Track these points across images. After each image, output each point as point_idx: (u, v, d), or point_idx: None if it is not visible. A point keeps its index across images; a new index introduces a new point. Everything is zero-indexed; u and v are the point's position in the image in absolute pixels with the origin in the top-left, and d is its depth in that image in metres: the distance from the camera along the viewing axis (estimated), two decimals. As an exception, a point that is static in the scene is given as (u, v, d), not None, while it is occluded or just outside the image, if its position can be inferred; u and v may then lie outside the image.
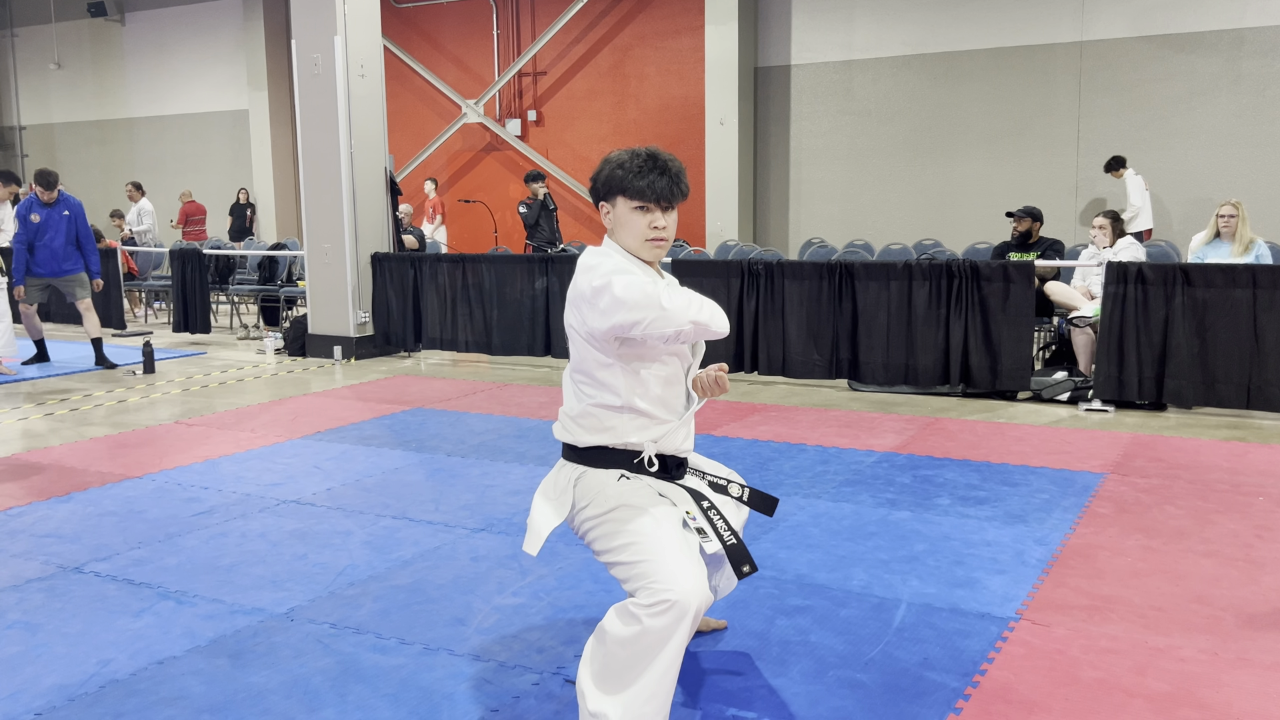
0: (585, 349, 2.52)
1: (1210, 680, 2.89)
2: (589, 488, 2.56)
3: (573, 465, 2.62)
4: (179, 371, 8.73)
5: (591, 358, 2.52)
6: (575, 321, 2.52)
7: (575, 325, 2.53)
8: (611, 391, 2.52)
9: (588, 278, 2.46)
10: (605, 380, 2.52)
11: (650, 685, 2.35)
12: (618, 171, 2.51)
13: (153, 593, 3.72)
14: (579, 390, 2.58)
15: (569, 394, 2.63)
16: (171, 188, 18.01)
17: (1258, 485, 4.78)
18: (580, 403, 2.58)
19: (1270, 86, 11.29)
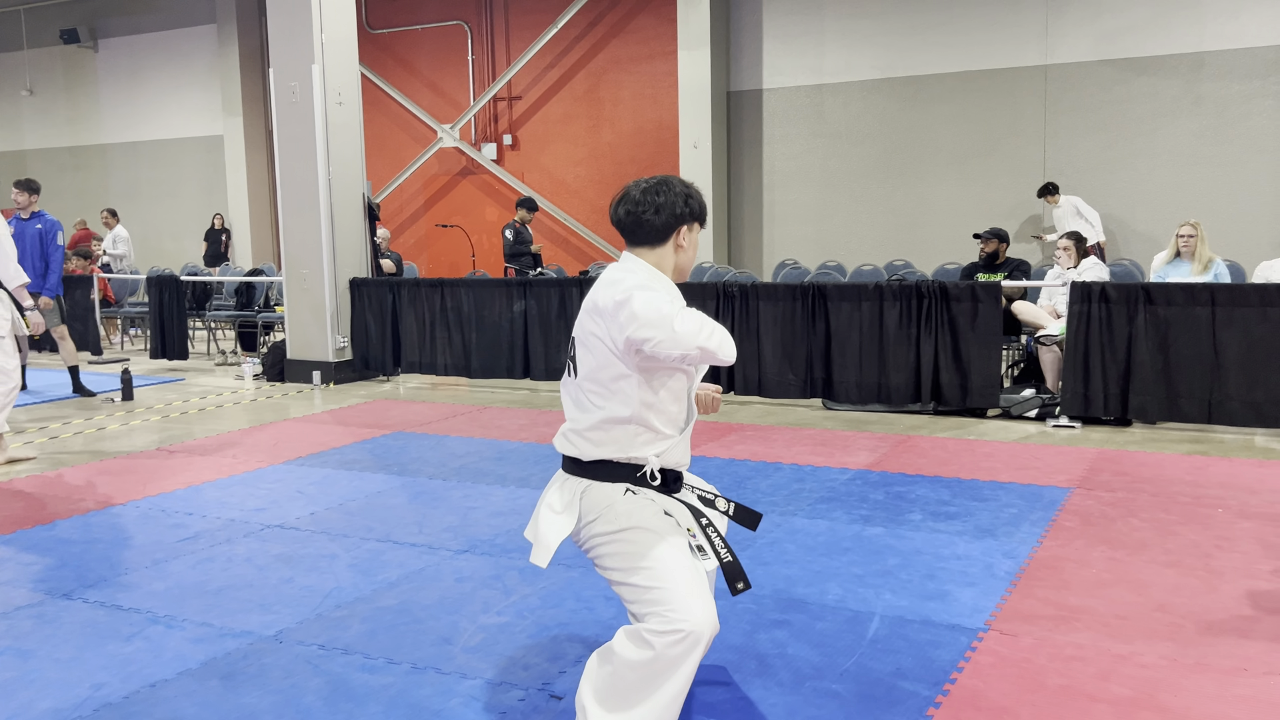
0: (606, 357, 2.54)
1: (1170, 685, 3.02)
2: (596, 502, 2.59)
3: (576, 478, 2.64)
4: (158, 398, 8.76)
5: (610, 368, 2.55)
6: (600, 331, 2.55)
7: (600, 335, 2.55)
8: (622, 402, 2.55)
9: (610, 291, 2.52)
10: (619, 390, 2.55)
11: (658, 710, 2.40)
12: (699, 197, 2.68)
13: (142, 617, 3.77)
14: (587, 401, 2.60)
15: (574, 406, 2.65)
16: (144, 214, 18.02)
17: (1217, 498, 4.94)
18: (587, 415, 2.60)
19: (1229, 108, 11.58)
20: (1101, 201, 11.72)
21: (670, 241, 2.64)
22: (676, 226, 2.63)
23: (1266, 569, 3.95)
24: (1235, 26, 11.49)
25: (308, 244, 9.16)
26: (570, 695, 3.05)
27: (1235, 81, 11.55)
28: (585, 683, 2.51)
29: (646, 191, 2.62)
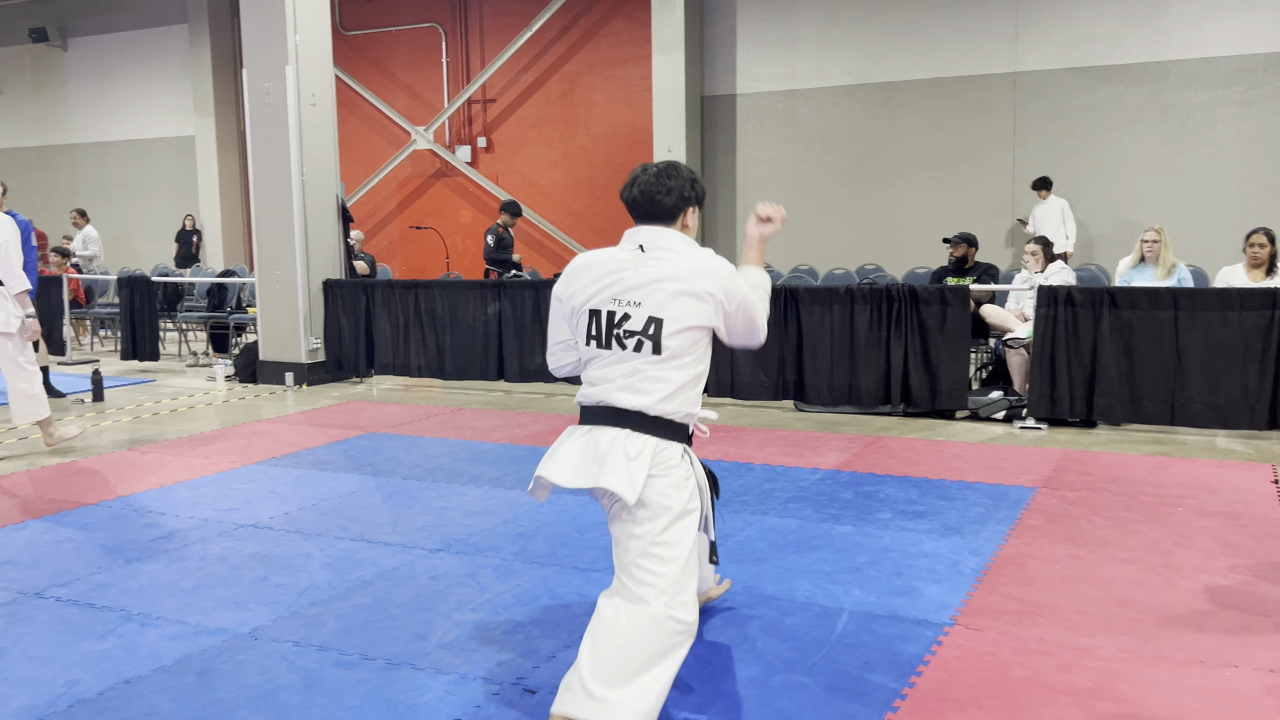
0: (704, 319, 2.77)
1: (1129, 676, 3.10)
2: (667, 462, 2.74)
3: (640, 435, 2.74)
4: (128, 399, 8.72)
5: (700, 331, 2.79)
6: (705, 292, 2.75)
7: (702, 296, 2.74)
8: (697, 360, 2.82)
9: (708, 262, 2.81)
10: (700, 350, 2.82)
11: (660, 684, 2.60)
12: (702, 183, 2.95)
13: (116, 616, 3.78)
14: (663, 371, 2.76)
15: (661, 380, 2.75)
16: (114, 214, 17.88)
17: (1178, 497, 5.05)
18: (660, 385, 2.75)
19: (1193, 116, 11.79)
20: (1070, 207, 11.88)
21: (679, 221, 2.88)
22: (685, 207, 2.88)
23: (1223, 565, 4.05)
24: (1199, 36, 11.70)
25: (281, 245, 9.15)
26: (544, 690, 3.09)
27: (1199, 90, 11.76)
28: (591, 653, 2.62)
29: (659, 175, 2.85)
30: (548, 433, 6.97)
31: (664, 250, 2.80)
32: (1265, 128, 11.49)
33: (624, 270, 2.80)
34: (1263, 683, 3.04)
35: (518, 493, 5.38)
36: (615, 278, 2.80)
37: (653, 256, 2.80)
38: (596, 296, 2.81)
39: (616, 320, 2.78)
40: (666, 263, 2.78)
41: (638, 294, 2.76)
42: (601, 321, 2.80)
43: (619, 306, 2.78)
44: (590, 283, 2.83)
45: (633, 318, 2.75)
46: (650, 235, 2.84)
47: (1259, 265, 6.99)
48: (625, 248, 2.87)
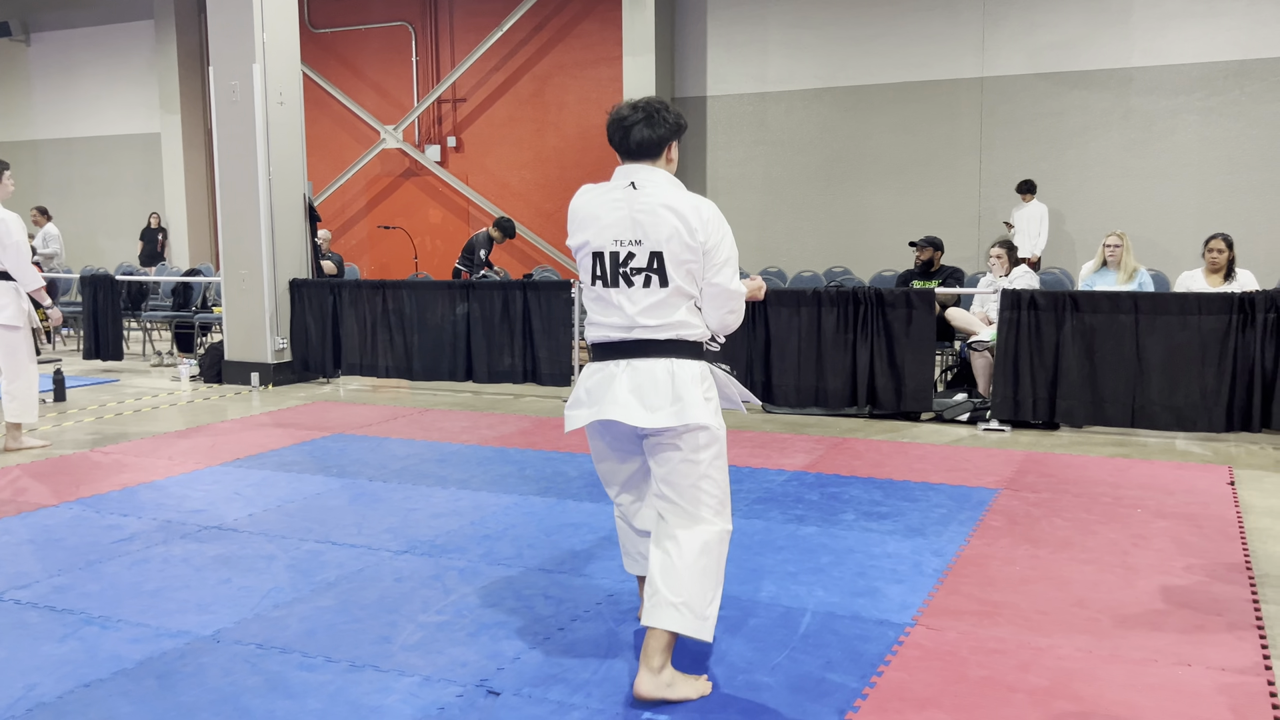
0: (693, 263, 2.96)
1: (1086, 675, 3.15)
2: (706, 380, 3.06)
3: (685, 362, 3.00)
4: (91, 399, 8.62)
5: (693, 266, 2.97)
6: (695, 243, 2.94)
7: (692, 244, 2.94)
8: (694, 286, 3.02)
9: (704, 212, 2.96)
10: (694, 276, 3.00)
11: (722, 587, 3.06)
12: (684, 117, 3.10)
13: (76, 619, 3.75)
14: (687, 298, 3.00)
15: (675, 307, 2.98)
16: (78, 212, 17.66)
17: (1137, 498, 5.13)
18: (688, 304, 3.00)
19: (1156, 122, 11.96)
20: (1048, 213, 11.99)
21: (664, 155, 3.03)
22: (670, 140, 3.02)
23: (1179, 565, 4.12)
24: (1162, 43, 11.87)
25: (247, 244, 9.08)
26: (508, 691, 3.10)
27: (1162, 97, 11.93)
28: (681, 575, 2.94)
29: (644, 110, 2.99)
30: (516, 434, 6.97)
31: (655, 187, 2.96)
32: (1226, 134, 11.67)
33: (620, 209, 2.97)
34: (1214, 681, 3.10)
35: (485, 494, 5.38)
36: (614, 218, 2.97)
37: (645, 193, 2.96)
38: (597, 238, 3.00)
39: (621, 260, 2.96)
40: (659, 197, 2.94)
41: (636, 231, 2.94)
42: (606, 262, 2.99)
43: (621, 246, 2.96)
44: (590, 221, 3.01)
45: (636, 256, 2.94)
46: (640, 174, 2.99)
47: (1218, 270, 7.11)
48: (618, 185, 3.02)
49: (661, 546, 3.02)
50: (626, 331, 2.99)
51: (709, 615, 2.98)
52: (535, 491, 5.42)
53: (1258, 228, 11.50)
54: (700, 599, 2.95)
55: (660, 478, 3.05)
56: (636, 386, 2.97)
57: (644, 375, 2.97)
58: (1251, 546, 4.40)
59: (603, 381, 3.02)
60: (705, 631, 2.97)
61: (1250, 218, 11.56)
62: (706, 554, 2.99)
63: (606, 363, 3.04)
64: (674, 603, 2.93)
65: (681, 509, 3.01)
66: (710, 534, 3.01)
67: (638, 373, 2.98)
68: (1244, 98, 11.61)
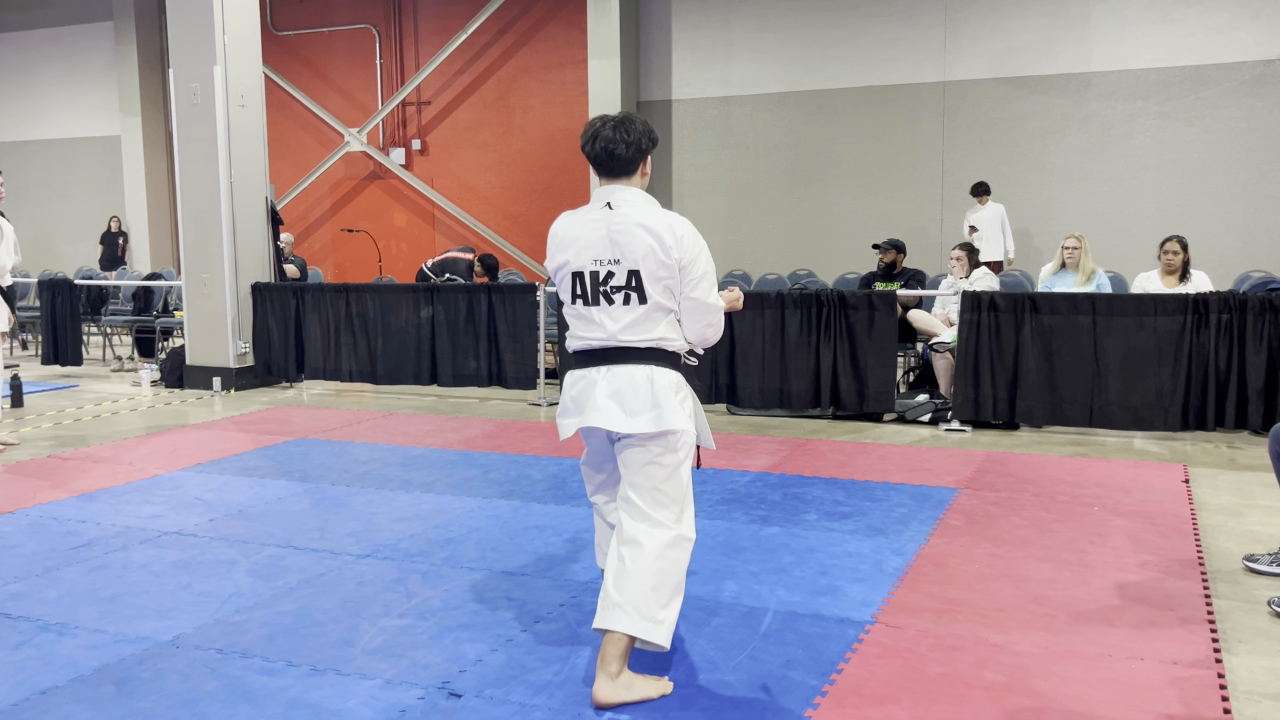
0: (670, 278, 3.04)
1: (1041, 671, 3.20)
2: (683, 389, 3.13)
3: (663, 370, 3.07)
4: (50, 405, 8.51)
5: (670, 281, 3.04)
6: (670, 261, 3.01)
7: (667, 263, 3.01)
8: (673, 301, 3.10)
9: (680, 230, 3.03)
10: (672, 290, 3.07)
11: (682, 592, 3.05)
12: (654, 131, 3.17)
13: (32, 625, 3.70)
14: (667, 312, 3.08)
15: (656, 323, 3.06)
16: (36, 216, 17.41)
17: (1094, 496, 5.20)
18: (668, 319, 3.08)
19: (1115, 126, 12.14)
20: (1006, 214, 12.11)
21: (638, 171, 3.13)
22: (642, 158, 3.11)
23: (1133, 562, 4.19)
24: (1119, 49, 12.05)
25: (208, 248, 9.00)
26: (469, 693, 3.10)
27: (1120, 101, 12.11)
28: (635, 582, 2.94)
29: (616, 128, 3.06)
30: (480, 437, 6.96)
31: (631, 207, 3.05)
32: (1181, 138, 11.87)
33: (598, 230, 3.05)
34: (1166, 674, 3.16)
35: (448, 497, 5.37)
36: (592, 239, 3.05)
37: (620, 214, 3.04)
38: (576, 259, 3.07)
39: (601, 279, 3.05)
40: (635, 216, 3.02)
41: (614, 250, 3.03)
42: (586, 281, 3.07)
43: (600, 266, 3.04)
44: (569, 243, 3.09)
45: (615, 274, 3.03)
46: (617, 194, 3.08)
47: (1173, 272, 7.23)
48: (595, 207, 3.11)
49: (618, 551, 3.02)
50: (606, 341, 3.07)
51: (663, 619, 2.96)
52: (499, 495, 5.41)
53: (1214, 230, 11.71)
54: (652, 602, 2.95)
55: (626, 480, 3.08)
56: (616, 391, 3.04)
57: (623, 380, 3.04)
58: (1204, 542, 4.48)
59: (585, 389, 3.10)
60: (658, 635, 2.95)
61: (1206, 220, 11.76)
62: (663, 558, 2.99)
63: (587, 370, 3.11)
64: (622, 604, 2.94)
65: (643, 512, 3.03)
66: (669, 538, 3.01)
67: (617, 378, 3.05)
68: (1199, 102, 11.82)
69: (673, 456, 3.04)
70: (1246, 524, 4.77)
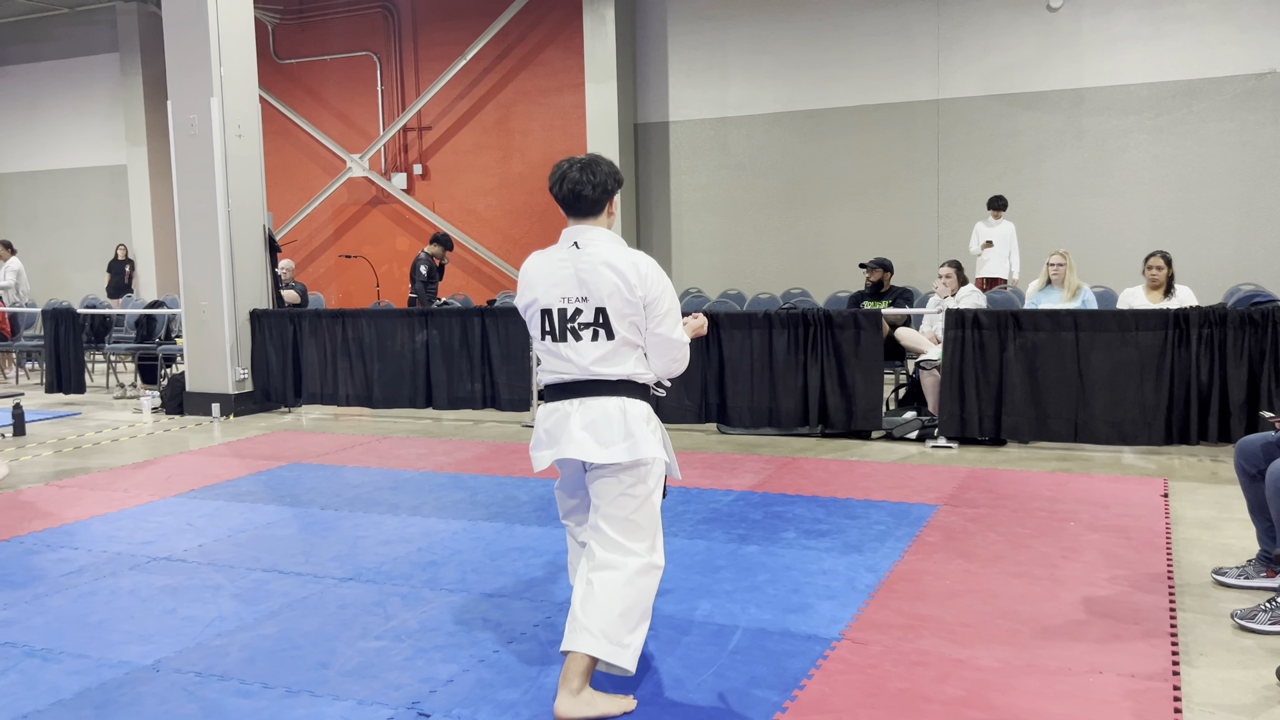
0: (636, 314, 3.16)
1: (1000, 685, 3.25)
2: (659, 428, 3.30)
3: (634, 401, 3.20)
4: (51, 433, 8.63)
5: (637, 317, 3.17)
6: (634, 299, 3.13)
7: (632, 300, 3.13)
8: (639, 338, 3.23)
9: (643, 269, 3.15)
10: (638, 327, 3.20)
11: (649, 618, 3.14)
12: (619, 171, 3.28)
13: (18, 651, 3.79)
14: (635, 347, 3.20)
15: (625, 357, 3.18)
16: (45, 245, 17.64)
17: (1071, 512, 5.25)
18: (621, 359, 3.17)
19: (1108, 141, 12.20)
20: (991, 231, 12.16)
21: (604, 211, 3.22)
22: (608, 199, 3.21)
23: (1104, 577, 4.23)
24: (1112, 65, 12.13)
25: (207, 276, 9.13)
26: (438, 713, 3.17)
27: (1113, 117, 12.18)
28: (602, 610, 3.04)
29: (583, 170, 3.17)
30: (471, 460, 7.03)
31: (597, 245, 3.15)
32: (1175, 152, 11.93)
33: (565, 268, 3.17)
34: (1123, 687, 3.21)
35: (434, 520, 5.44)
36: (560, 277, 3.17)
37: (587, 253, 3.15)
38: (545, 296, 3.20)
39: (569, 316, 3.17)
40: (600, 255, 3.13)
41: (582, 289, 3.14)
42: (554, 319, 3.19)
43: (569, 304, 3.17)
44: (538, 280, 3.22)
45: (583, 311, 3.15)
46: (584, 234, 3.18)
47: (1157, 287, 7.27)
48: (562, 246, 3.22)
49: (587, 577, 3.11)
50: (579, 375, 3.18)
51: (628, 644, 3.05)
52: (485, 517, 5.49)
53: (1208, 243, 11.75)
54: (620, 627, 3.04)
55: (599, 511, 3.17)
56: (590, 423, 3.14)
57: (596, 412, 3.15)
58: (1176, 556, 4.52)
59: (559, 421, 3.20)
60: (624, 659, 3.05)
61: (1201, 233, 11.80)
62: (632, 585, 3.08)
63: (560, 403, 3.21)
64: (589, 628, 3.03)
65: (615, 542, 3.12)
66: (639, 565, 3.10)
67: (590, 410, 3.15)
68: (1192, 116, 11.88)
69: (643, 487, 3.14)
70: (1221, 538, 4.80)
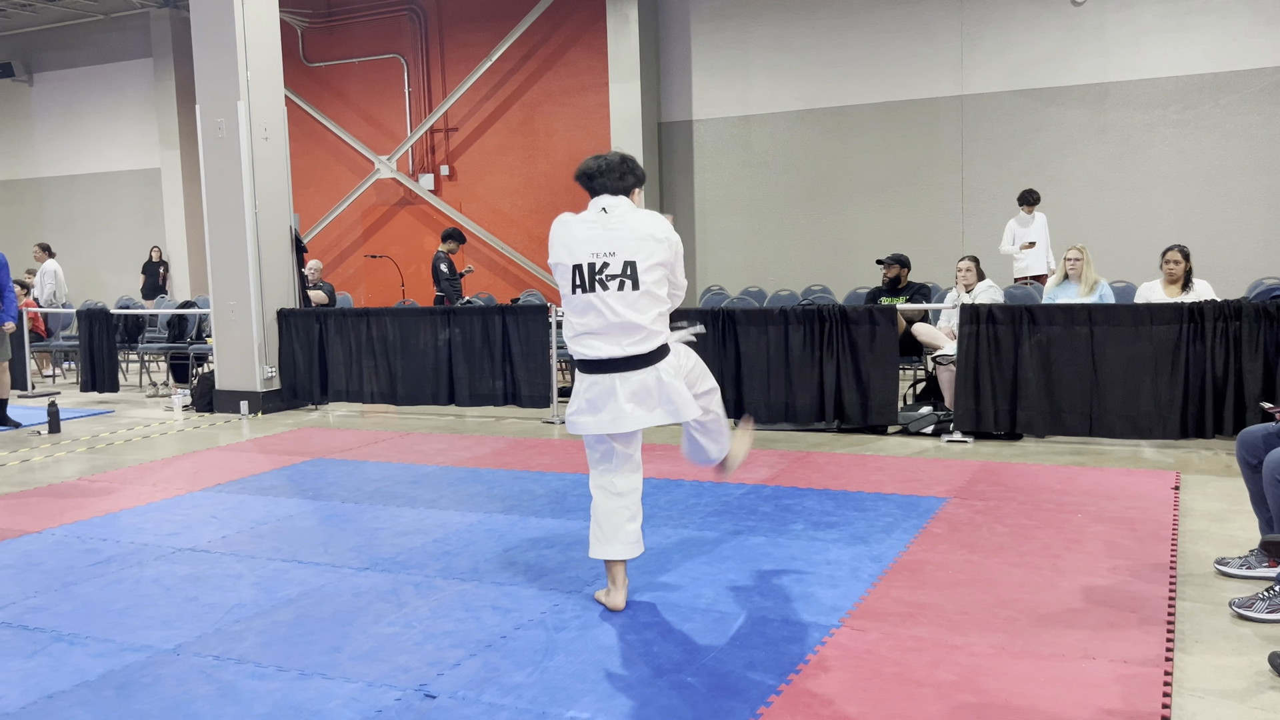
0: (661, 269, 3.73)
1: (993, 671, 3.31)
2: (677, 365, 3.86)
3: (663, 365, 3.75)
4: (85, 430, 8.85)
5: (660, 274, 3.73)
6: (662, 255, 3.71)
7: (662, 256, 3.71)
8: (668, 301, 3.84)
9: (665, 230, 3.73)
10: (663, 287, 3.78)
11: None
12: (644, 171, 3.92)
13: (46, 636, 3.94)
14: (645, 302, 3.69)
15: (629, 309, 3.66)
16: (81, 247, 18.00)
17: (1079, 504, 5.28)
18: (646, 313, 3.69)
19: (1133, 136, 12.14)
20: (1014, 226, 12.12)
21: (629, 196, 3.78)
22: (632, 189, 3.79)
23: (1105, 567, 4.27)
24: (1136, 59, 12.07)
25: (235, 276, 9.32)
26: (444, 695, 3.28)
27: (1138, 111, 12.11)
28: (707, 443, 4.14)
29: (611, 165, 3.74)
30: (490, 455, 7.16)
31: (623, 210, 3.68)
32: (1201, 146, 11.85)
33: (595, 229, 3.65)
34: (1114, 673, 3.26)
35: (450, 513, 5.56)
36: (590, 236, 3.64)
37: (615, 216, 3.66)
38: (576, 253, 3.65)
39: (598, 269, 3.62)
40: (628, 219, 3.65)
41: (611, 245, 3.61)
42: (584, 272, 3.64)
43: (598, 258, 3.62)
44: (570, 244, 3.67)
45: (611, 265, 3.60)
46: (609, 201, 3.71)
47: (1175, 281, 7.27)
48: (591, 212, 3.70)
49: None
50: (604, 335, 3.67)
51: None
52: (500, 509, 5.60)
53: (1235, 237, 11.66)
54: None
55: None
56: (633, 394, 3.69)
57: (636, 384, 3.70)
58: (1181, 547, 4.55)
59: (602, 394, 3.70)
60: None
61: (1228, 227, 11.72)
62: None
63: (599, 376, 3.71)
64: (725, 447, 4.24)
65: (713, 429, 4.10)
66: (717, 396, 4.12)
67: (630, 382, 3.69)
68: (1218, 110, 11.79)
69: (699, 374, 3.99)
70: (1229, 529, 4.82)
